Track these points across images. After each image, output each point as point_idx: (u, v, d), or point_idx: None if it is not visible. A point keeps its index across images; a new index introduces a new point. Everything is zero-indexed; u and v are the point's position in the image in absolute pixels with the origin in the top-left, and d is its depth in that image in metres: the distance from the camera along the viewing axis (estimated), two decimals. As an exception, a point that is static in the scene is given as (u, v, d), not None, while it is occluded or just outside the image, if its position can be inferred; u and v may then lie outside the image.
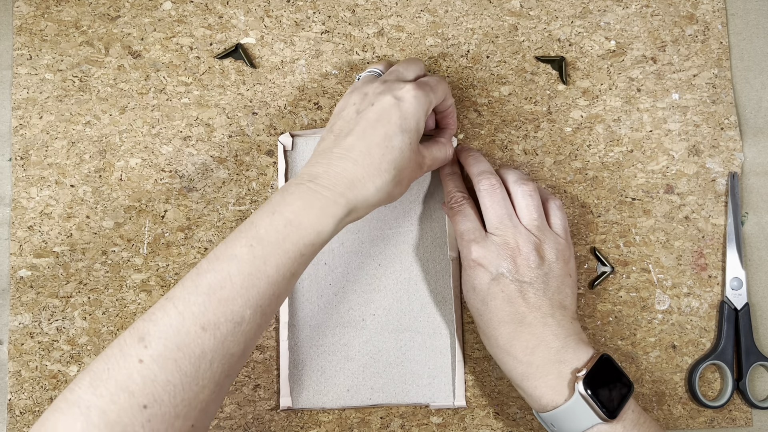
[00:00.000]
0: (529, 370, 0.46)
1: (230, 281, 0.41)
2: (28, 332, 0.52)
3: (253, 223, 0.42)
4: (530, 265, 0.47)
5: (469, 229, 0.49)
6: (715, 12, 0.58)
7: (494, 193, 0.49)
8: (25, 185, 0.54)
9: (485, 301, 0.47)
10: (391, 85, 0.46)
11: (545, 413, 0.45)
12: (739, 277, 0.55)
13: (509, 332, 0.46)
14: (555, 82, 0.57)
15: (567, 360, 0.46)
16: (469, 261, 0.48)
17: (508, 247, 0.48)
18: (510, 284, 0.47)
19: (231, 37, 0.56)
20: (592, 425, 0.44)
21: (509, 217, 0.49)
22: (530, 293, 0.47)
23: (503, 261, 0.47)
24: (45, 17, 0.55)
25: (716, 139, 0.57)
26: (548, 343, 0.46)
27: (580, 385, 0.44)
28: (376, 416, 0.54)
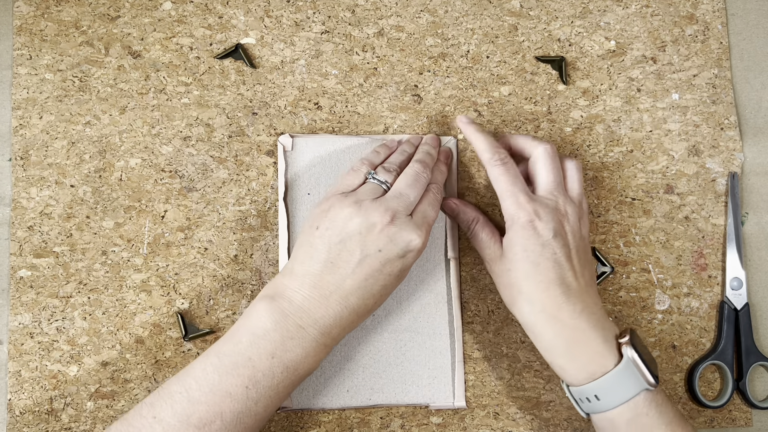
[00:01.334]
0: (575, 334, 0.46)
1: (221, 418, 0.43)
2: (28, 332, 0.52)
3: (251, 361, 0.44)
4: (575, 233, 0.48)
5: (520, 190, 0.48)
6: (715, 12, 0.58)
7: (554, 159, 0.50)
8: (25, 185, 0.54)
9: (537, 262, 0.47)
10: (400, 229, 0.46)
11: (591, 383, 0.45)
12: (739, 277, 0.55)
13: (558, 295, 0.46)
14: (555, 82, 0.57)
15: (607, 327, 0.46)
16: (522, 222, 0.47)
17: (559, 212, 0.48)
18: (560, 248, 0.47)
19: (231, 37, 0.56)
20: (638, 392, 0.44)
21: (561, 186, 0.50)
22: (575, 259, 0.47)
23: (556, 224, 0.47)
24: (45, 17, 0.55)
25: (716, 139, 0.57)
26: (591, 309, 0.47)
27: (628, 349, 0.45)
28: (376, 416, 0.54)
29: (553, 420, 0.54)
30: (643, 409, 0.44)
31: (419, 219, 0.47)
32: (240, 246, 0.54)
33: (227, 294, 0.54)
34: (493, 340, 0.55)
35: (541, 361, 0.55)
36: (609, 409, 0.45)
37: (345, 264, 0.45)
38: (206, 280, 0.54)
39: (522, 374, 0.55)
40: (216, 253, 0.54)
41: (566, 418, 0.54)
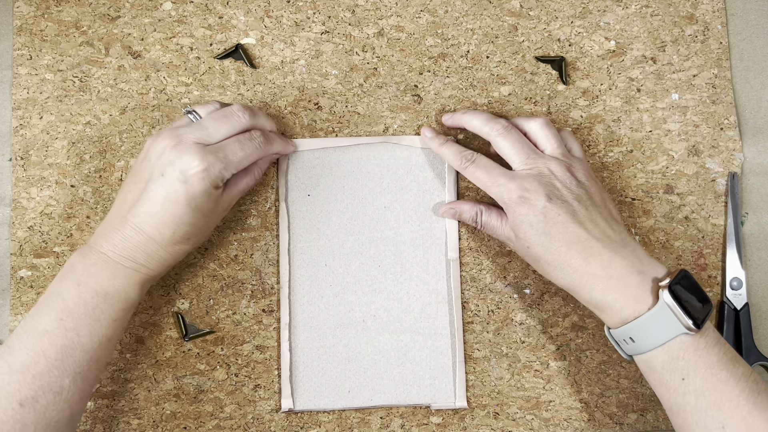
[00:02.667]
0: (610, 283, 0.45)
1: (44, 356, 0.43)
2: (29, 332, 0.52)
3: (59, 295, 0.44)
4: (569, 186, 0.47)
5: (499, 174, 0.49)
6: (715, 12, 0.58)
7: (510, 133, 0.50)
8: (25, 185, 0.54)
9: (546, 230, 0.46)
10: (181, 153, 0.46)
11: (626, 325, 0.45)
12: (739, 277, 0.55)
13: (580, 251, 0.46)
14: (555, 82, 0.57)
15: (646, 270, 0.45)
16: (513, 201, 0.47)
17: (543, 175, 0.48)
18: (561, 207, 0.46)
19: (231, 37, 0.56)
20: (676, 335, 0.43)
21: (533, 151, 0.49)
22: (581, 212, 0.47)
23: (545, 188, 0.47)
24: (45, 17, 0.55)
25: (716, 139, 0.57)
26: (621, 255, 0.46)
27: (665, 292, 0.44)
28: (376, 416, 0.54)
29: (553, 420, 0.54)
30: (678, 353, 0.44)
31: (213, 148, 0.47)
32: (240, 246, 0.54)
33: (227, 294, 0.54)
34: (493, 340, 0.55)
35: (542, 361, 0.55)
36: (644, 352, 0.45)
37: (135, 188, 0.46)
38: (206, 280, 0.54)
39: (522, 374, 0.55)
40: (216, 253, 0.54)
41: (566, 418, 0.54)
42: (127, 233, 0.46)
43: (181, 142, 0.46)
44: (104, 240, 0.46)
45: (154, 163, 0.46)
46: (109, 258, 0.45)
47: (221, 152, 0.47)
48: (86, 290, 0.44)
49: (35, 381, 0.42)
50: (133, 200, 0.46)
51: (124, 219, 0.46)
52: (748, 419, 0.42)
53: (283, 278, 0.54)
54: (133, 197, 0.46)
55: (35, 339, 0.43)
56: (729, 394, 0.43)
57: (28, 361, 0.42)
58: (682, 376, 0.44)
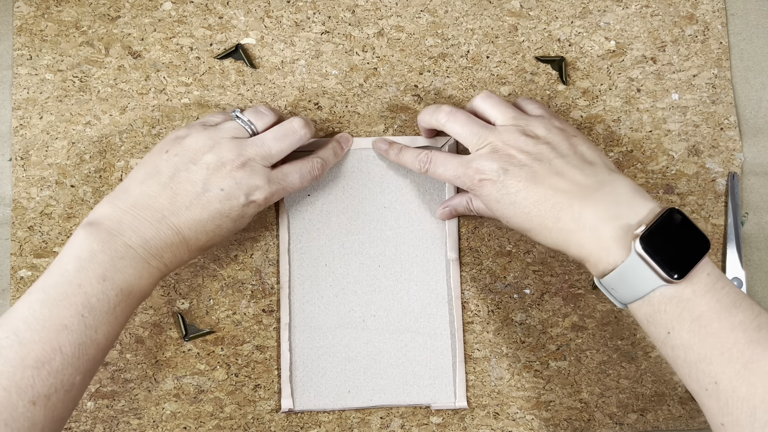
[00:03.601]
0: (584, 235, 0.43)
1: (60, 352, 0.40)
2: (29, 332, 0.52)
3: (81, 288, 0.41)
4: (526, 148, 0.46)
5: (456, 164, 0.48)
6: (715, 12, 0.58)
7: (456, 115, 0.49)
8: (25, 185, 0.54)
9: (512, 200, 0.45)
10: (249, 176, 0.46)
11: (605, 277, 0.43)
12: (739, 277, 0.55)
13: (549, 209, 0.44)
14: (555, 82, 0.57)
15: (622, 214, 0.42)
16: (475, 184, 0.47)
17: (497, 149, 0.46)
18: (519, 173, 0.45)
19: (231, 37, 0.56)
20: (653, 288, 0.41)
21: (483, 127, 0.48)
22: (543, 170, 0.45)
23: (499, 161, 0.46)
24: (45, 17, 0.55)
25: (716, 139, 0.57)
26: (593, 200, 0.43)
27: (636, 243, 0.40)
28: (376, 416, 0.54)
29: (553, 420, 0.54)
30: (659, 306, 0.41)
31: (276, 175, 0.47)
32: (240, 246, 0.54)
33: (227, 294, 0.54)
34: (493, 340, 0.55)
35: (542, 360, 0.55)
36: (627, 303, 0.43)
37: (185, 193, 0.45)
38: (206, 280, 0.54)
39: (522, 374, 0.55)
40: (216, 253, 0.54)
41: (566, 418, 0.54)
42: (163, 232, 0.44)
43: (248, 163, 0.46)
44: (133, 233, 0.43)
45: (212, 173, 0.45)
46: (138, 254, 0.43)
47: (284, 181, 0.48)
48: (111, 287, 0.42)
49: (49, 378, 0.40)
50: (171, 198, 0.45)
51: (161, 215, 0.44)
52: (743, 373, 0.39)
53: (283, 278, 0.54)
54: (170, 194, 0.45)
55: (53, 333, 0.40)
56: (720, 347, 0.39)
57: (43, 357, 0.39)
58: (667, 329, 0.41)
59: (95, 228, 0.43)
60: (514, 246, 0.56)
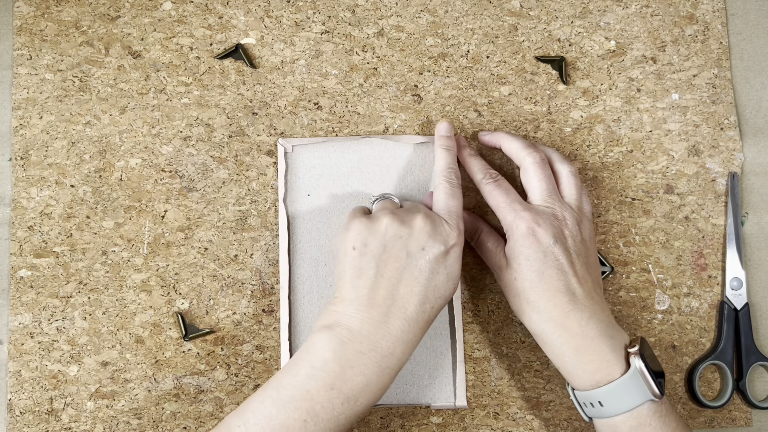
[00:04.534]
0: (584, 342, 0.46)
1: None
2: (28, 332, 0.52)
3: (308, 394, 0.43)
4: (575, 238, 0.48)
5: (515, 200, 0.49)
6: (715, 12, 0.58)
7: (544, 167, 0.50)
8: (25, 185, 0.54)
9: (540, 271, 0.47)
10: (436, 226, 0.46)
11: (596, 389, 0.45)
12: (739, 277, 0.55)
13: (564, 303, 0.46)
14: (555, 82, 0.57)
15: (616, 335, 0.46)
16: (522, 231, 0.48)
17: (556, 218, 0.48)
18: (562, 254, 0.47)
19: (231, 37, 0.56)
20: (643, 402, 0.44)
21: (555, 192, 0.50)
22: (578, 265, 0.47)
23: (555, 231, 0.47)
24: (45, 17, 0.55)
25: (716, 139, 0.57)
26: (598, 317, 0.46)
27: (637, 359, 0.44)
28: (376, 416, 0.54)
29: (553, 420, 0.54)
30: (646, 419, 0.45)
31: (446, 215, 0.48)
32: (240, 246, 0.54)
33: (227, 294, 0.54)
34: (493, 340, 0.55)
35: (542, 360, 0.55)
36: (612, 416, 0.45)
37: (394, 271, 0.45)
38: (206, 280, 0.54)
39: (522, 374, 0.55)
40: (216, 253, 0.54)
41: (566, 418, 0.54)
42: (395, 325, 0.44)
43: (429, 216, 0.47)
44: (365, 338, 0.44)
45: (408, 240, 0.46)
46: (369, 360, 0.43)
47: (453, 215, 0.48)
48: (338, 395, 0.43)
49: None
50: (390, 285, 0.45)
51: (387, 308, 0.44)
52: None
53: (283, 278, 0.54)
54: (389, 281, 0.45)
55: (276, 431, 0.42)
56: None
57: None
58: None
59: (331, 334, 0.44)
60: (514, 246, 0.56)
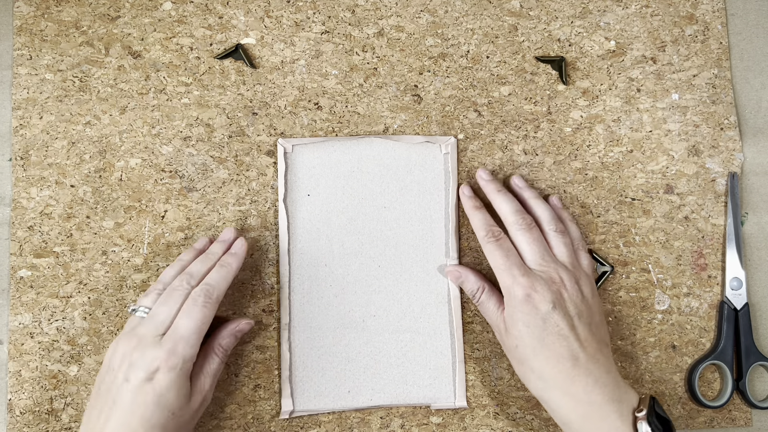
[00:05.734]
0: (591, 409, 0.45)
1: None
2: (28, 332, 0.52)
3: None
4: (575, 299, 0.48)
5: (514, 264, 0.49)
6: (714, 12, 0.58)
7: (532, 231, 0.50)
8: (25, 185, 0.54)
9: (541, 338, 0.46)
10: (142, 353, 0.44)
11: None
12: (739, 277, 0.55)
13: (568, 369, 0.46)
14: (555, 82, 0.57)
15: (624, 399, 0.46)
16: (519, 297, 0.47)
17: (553, 282, 0.48)
18: (562, 319, 0.46)
19: (231, 37, 0.56)
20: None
21: (548, 254, 0.49)
22: (580, 328, 0.47)
23: (553, 295, 0.47)
24: (45, 17, 0.55)
25: (716, 139, 0.57)
26: (603, 381, 0.46)
27: (643, 425, 0.44)
28: (376, 416, 0.54)
29: (552, 420, 0.54)
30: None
31: (168, 336, 0.45)
32: (240, 246, 0.54)
33: (227, 294, 0.54)
34: (493, 340, 0.55)
35: (541, 361, 0.55)
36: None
37: (106, 406, 0.44)
38: (206, 280, 0.54)
39: (522, 374, 0.55)
40: (216, 253, 0.54)
41: (566, 418, 0.54)
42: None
43: (140, 342, 0.45)
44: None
45: (117, 371, 0.44)
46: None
47: (176, 332, 0.45)
48: None
49: None
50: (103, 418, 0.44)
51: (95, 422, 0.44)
52: None
53: (283, 278, 0.54)
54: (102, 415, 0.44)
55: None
56: None
57: None
58: None
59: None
60: (514, 246, 0.56)
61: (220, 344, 0.49)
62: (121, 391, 0.44)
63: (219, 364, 0.49)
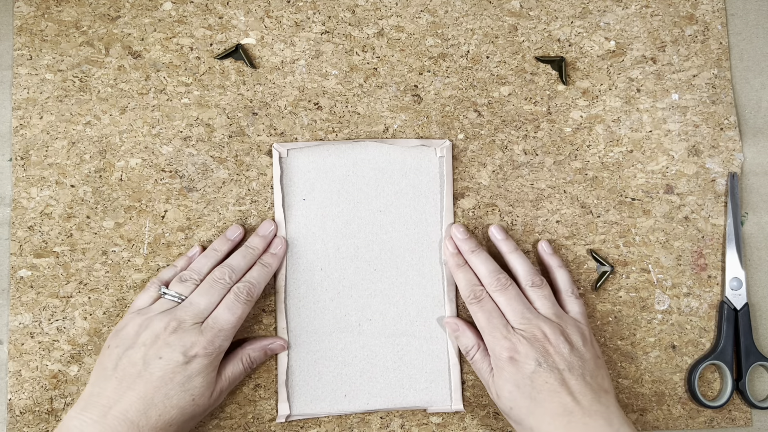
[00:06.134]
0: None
1: None
2: (28, 332, 0.52)
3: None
4: (562, 352, 0.47)
5: (495, 326, 0.49)
6: (714, 12, 0.58)
7: (508, 290, 0.50)
8: (25, 185, 0.54)
9: (532, 396, 0.46)
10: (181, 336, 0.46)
11: None
12: (739, 277, 0.55)
13: (564, 425, 0.45)
14: (555, 82, 0.57)
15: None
16: (503, 358, 0.47)
17: (536, 339, 0.47)
18: (550, 375, 0.46)
19: (231, 37, 0.56)
20: None
21: (528, 310, 0.49)
22: (571, 381, 0.46)
23: (537, 353, 0.47)
24: (45, 17, 0.55)
25: (716, 140, 0.57)
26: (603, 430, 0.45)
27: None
28: (376, 416, 0.54)
29: (552, 420, 0.54)
30: None
31: (207, 323, 0.47)
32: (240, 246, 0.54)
33: (227, 294, 0.54)
34: (492, 340, 0.55)
35: (541, 361, 0.55)
36: None
37: (128, 376, 0.45)
38: (206, 280, 0.54)
39: (522, 374, 0.55)
40: (216, 253, 0.54)
41: (566, 418, 0.54)
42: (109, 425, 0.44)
43: (180, 326, 0.46)
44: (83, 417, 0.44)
45: (149, 349, 0.46)
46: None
47: (216, 323, 0.47)
48: None
49: None
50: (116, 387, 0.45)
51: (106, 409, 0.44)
52: None
53: (279, 282, 0.54)
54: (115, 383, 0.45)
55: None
56: None
57: None
58: None
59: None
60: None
61: (249, 355, 0.51)
62: (151, 366, 0.45)
63: (241, 372, 0.50)
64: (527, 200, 0.56)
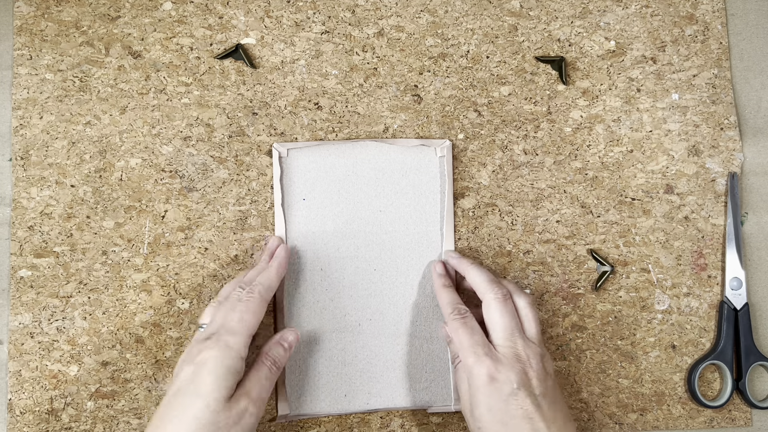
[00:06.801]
0: None
1: None
2: (28, 332, 0.52)
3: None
4: (540, 377, 0.46)
5: (478, 343, 0.47)
6: (714, 12, 0.58)
7: (506, 303, 0.49)
8: (25, 185, 0.54)
9: (504, 421, 0.45)
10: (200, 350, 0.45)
11: None
12: (739, 277, 0.55)
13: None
14: (555, 82, 0.57)
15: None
16: (482, 378, 0.46)
17: (519, 360, 0.46)
18: (526, 399, 0.45)
19: (231, 37, 0.56)
20: None
21: (518, 330, 0.48)
22: (545, 407, 0.45)
23: (517, 375, 0.45)
24: (45, 17, 0.55)
25: (716, 139, 0.57)
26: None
27: None
28: (376, 416, 0.54)
29: (552, 420, 0.54)
30: None
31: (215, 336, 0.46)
32: (240, 246, 0.54)
33: (227, 294, 0.54)
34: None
35: (541, 361, 0.55)
36: None
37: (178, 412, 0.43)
38: (206, 280, 0.54)
39: (522, 374, 0.55)
40: (216, 253, 0.54)
41: (566, 418, 0.54)
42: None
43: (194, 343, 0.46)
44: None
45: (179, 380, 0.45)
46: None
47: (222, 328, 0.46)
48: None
49: None
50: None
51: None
52: None
53: (280, 282, 0.54)
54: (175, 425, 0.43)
55: None
56: None
57: None
58: None
59: None
60: (514, 246, 0.56)
61: (267, 353, 0.48)
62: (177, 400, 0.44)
63: (267, 372, 0.47)
64: (527, 200, 0.56)
